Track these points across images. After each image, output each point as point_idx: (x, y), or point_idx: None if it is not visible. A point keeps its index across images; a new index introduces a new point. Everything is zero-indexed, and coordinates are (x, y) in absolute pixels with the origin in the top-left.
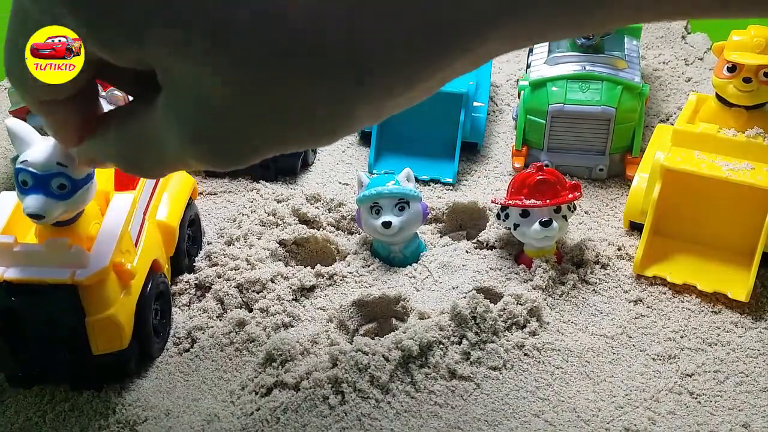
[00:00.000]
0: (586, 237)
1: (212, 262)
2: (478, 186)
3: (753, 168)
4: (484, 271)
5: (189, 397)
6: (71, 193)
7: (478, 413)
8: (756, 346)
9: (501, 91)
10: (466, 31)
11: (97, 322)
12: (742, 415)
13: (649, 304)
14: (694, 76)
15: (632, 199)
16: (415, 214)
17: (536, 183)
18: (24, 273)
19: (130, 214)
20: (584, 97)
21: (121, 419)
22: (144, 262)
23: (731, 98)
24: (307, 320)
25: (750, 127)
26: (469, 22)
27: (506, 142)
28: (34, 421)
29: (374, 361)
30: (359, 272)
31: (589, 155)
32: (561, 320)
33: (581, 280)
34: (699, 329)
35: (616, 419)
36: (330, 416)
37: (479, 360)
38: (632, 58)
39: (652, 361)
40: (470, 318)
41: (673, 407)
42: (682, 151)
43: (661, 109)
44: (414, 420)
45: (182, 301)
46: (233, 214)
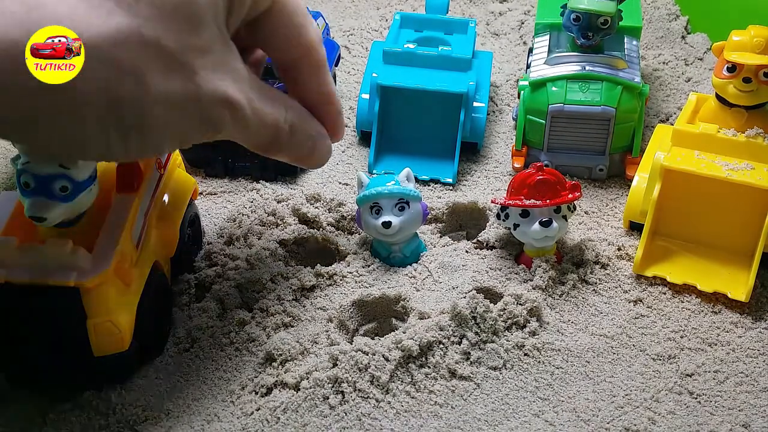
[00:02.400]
0: (586, 237)
1: (212, 262)
2: (478, 186)
3: (753, 168)
4: (484, 271)
5: (189, 397)
6: (73, 195)
7: (478, 413)
8: (756, 346)
9: (501, 91)
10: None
11: (99, 324)
12: (742, 415)
13: (649, 304)
14: (694, 76)
15: (632, 199)
16: (415, 214)
17: (536, 183)
18: (26, 274)
19: (132, 216)
20: (584, 98)
21: (122, 419)
22: (145, 263)
23: (731, 98)
24: (307, 320)
25: (750, 127)
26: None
27: (506, 142)
28: (35, 420)
29: (374, 361)
30: (359, 272)
31: (589, 155)
32: (561, 320)
33: (581, 280)
34: (699, 329)
35: (616, 419)
36: (330, 416)
37: (479, 360)
38: (632, 58)
39: (652, 361)
40: (470, 318)
41: (673, 407)
42: (682, 151)
43: (661, 109)
44: (414, 420)
45: (182, 301)
46: (233, 214)
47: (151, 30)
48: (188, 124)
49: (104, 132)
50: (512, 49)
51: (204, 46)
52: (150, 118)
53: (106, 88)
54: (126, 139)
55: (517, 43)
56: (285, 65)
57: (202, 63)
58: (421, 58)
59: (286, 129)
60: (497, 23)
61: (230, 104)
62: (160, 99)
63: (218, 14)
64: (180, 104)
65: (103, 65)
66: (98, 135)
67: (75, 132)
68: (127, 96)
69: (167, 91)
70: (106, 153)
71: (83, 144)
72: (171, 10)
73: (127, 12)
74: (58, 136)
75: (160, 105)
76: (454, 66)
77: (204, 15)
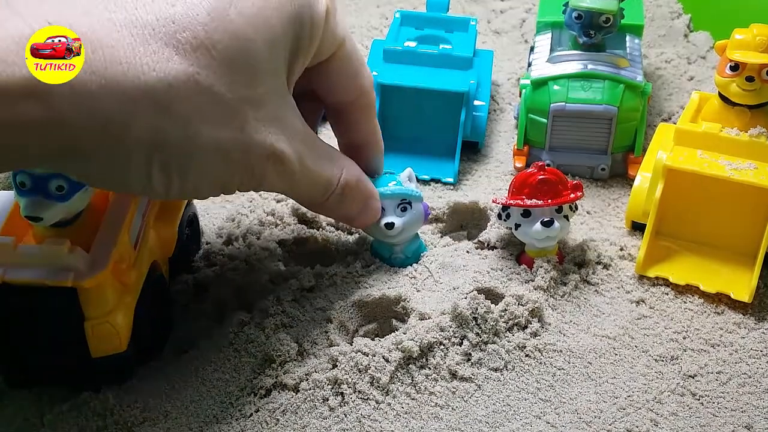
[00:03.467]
0: (587, 237)
1: (211, 262)
2: (479, 186)
3: (756, 167)
4: (485, 272)
5: (187, 399)
6: (69, 194)
7: (479, 414)
8: (759, 347)
9: (502, 89)
10: None
11: (96, 325)
12: (744, 416)
13: (652, 305)
14: (697, 74)
15: (634, 199)
16: (418, 214)
17: (538, 183)
18: (23, 275)
19: (130, 216)
20: (586, 96)
21: (119, 420)
22: (143, 263)
23: (734, 97)
24: (306, 321)
25: (753, 126)
26: None
27: (507, 141)
28: (32, 421)
29: (374, 362)
30: (359, 272)
31: (591, 154)
32: (563, 321)
33: (583, 280)
34: (701, 330)
35: (618, 421)
36: (330, 418)
37: (480, 361)
38: (634, 56)
39: (655, 362)
40: (471, 319)
41: (676, 408)
42: (684, 151)
43: (663, 108)
44: (414, 421)
45: (181, 302)
46: (232, 214)
47: (206, 78)
48: (232, 173)
49: (147, 171)
50: (513, 48)
51: (258, 98)
52: (194, 164)
53: (154, 130)
54: (168, 180)
55: (518, 42)
56: (337, 107)
57: (255, 114)
58: (421, 56)
59: (338, 190)
60: (498, 21)
61: (278, 158)
62: (207, 146)
63: (279, 68)
64: (226, 153)
65: (156, 108)
66: (141, 173)
67: (120, 168)
68: (174, 140)
69: (215, 138)
70: (147, 190)
71: (126, 180)
72: (228, 61)
73: (185, 59)
74: (103, 170)
75: (206, 152)
76: (455, 64)
77: (261, 67)
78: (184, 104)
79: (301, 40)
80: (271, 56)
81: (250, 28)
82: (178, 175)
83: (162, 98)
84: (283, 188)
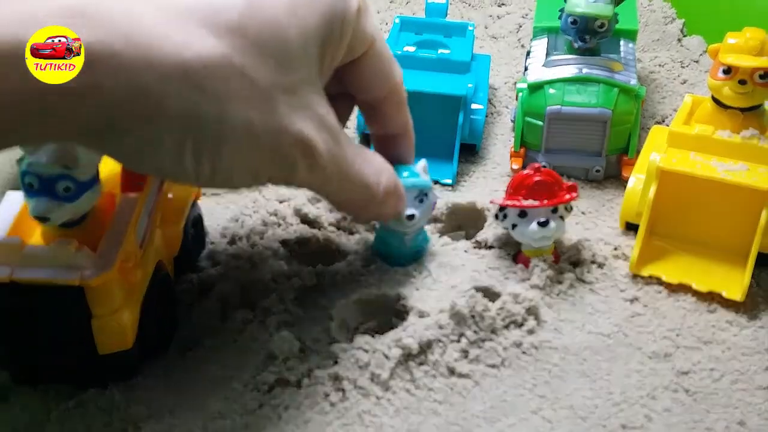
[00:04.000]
0: (582, 237)
1: (215, 262)
2: (477, 187)
3: (748, 169)
4: (483, 271)
5: (192, 395)
6: (77, 195)
7: (477, 410)
8: (751, 344)
9: (499, 93)
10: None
11: (103, 323)
12: (737, 412)
13: (645, 303)
14: (690, 78)
15: (628, 200)
16: (431, 204)
17: (534, 184)
18: (31, 274)
19: (137, 216)
20: (581, 100)
21: (125, 417)
22: (149, 263)
23: (727, 100)
24: (308, 319)
25: (745, 128)
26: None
27: (504, 143)
28: (39, 418)
29: (374, 359)
30: (359, 272)
31: (586, 156)
32: (558, 319)
33: (578, 279)
34: (694, 328)
35: (612, 416)
36: (331, 413)
37: (478, 358)
38: (628, 60)
39: (648, 359)
40: (469, 316)
41: (669, 404)
42: (677, 153)
43: (657, 110)
44: (414, 416)
45: (185, 300)
46: (236, 215)
47: (240, 59)
48: (261, 159)
49: (180, 151)
50: (510, 52)
51: (290, 85)
52: (224, 145)
53: (188, 107)
54: (199, 164)
55: (515, 46)
56: (370, 103)
57: (286, 100)
58: (420, 61)
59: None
60: (495, 26)
61: (306, 145)
62: (239, 129)
63: (311, 59)
64: (256, 137)
65: (190, 85)
66: (173, 154)
67: (153, 147)
68: (206, 120)
69: (247, 120)
70: (179, 173)
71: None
72: (262, 45)
73: (220, 40)
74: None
75: (237, 135)
76: (453, 69)
77: (294, 55)
78: (218, 84)
79: (333, 34)
80: (303, 46)
81: (284, 17)
82: (208, 159)
83: (197, 75)
84: (316, 184)
